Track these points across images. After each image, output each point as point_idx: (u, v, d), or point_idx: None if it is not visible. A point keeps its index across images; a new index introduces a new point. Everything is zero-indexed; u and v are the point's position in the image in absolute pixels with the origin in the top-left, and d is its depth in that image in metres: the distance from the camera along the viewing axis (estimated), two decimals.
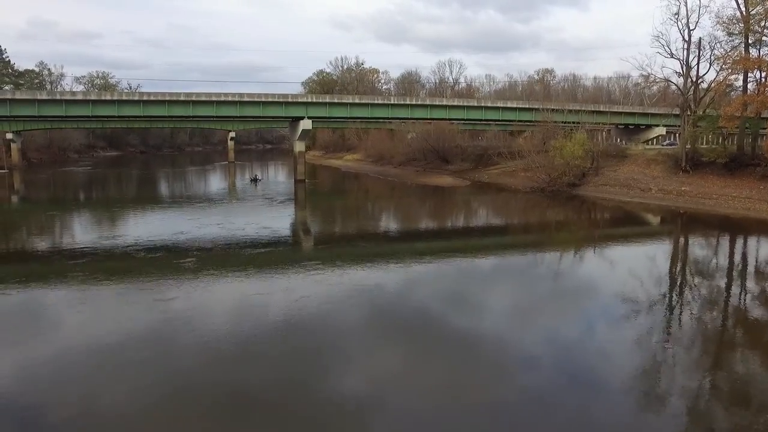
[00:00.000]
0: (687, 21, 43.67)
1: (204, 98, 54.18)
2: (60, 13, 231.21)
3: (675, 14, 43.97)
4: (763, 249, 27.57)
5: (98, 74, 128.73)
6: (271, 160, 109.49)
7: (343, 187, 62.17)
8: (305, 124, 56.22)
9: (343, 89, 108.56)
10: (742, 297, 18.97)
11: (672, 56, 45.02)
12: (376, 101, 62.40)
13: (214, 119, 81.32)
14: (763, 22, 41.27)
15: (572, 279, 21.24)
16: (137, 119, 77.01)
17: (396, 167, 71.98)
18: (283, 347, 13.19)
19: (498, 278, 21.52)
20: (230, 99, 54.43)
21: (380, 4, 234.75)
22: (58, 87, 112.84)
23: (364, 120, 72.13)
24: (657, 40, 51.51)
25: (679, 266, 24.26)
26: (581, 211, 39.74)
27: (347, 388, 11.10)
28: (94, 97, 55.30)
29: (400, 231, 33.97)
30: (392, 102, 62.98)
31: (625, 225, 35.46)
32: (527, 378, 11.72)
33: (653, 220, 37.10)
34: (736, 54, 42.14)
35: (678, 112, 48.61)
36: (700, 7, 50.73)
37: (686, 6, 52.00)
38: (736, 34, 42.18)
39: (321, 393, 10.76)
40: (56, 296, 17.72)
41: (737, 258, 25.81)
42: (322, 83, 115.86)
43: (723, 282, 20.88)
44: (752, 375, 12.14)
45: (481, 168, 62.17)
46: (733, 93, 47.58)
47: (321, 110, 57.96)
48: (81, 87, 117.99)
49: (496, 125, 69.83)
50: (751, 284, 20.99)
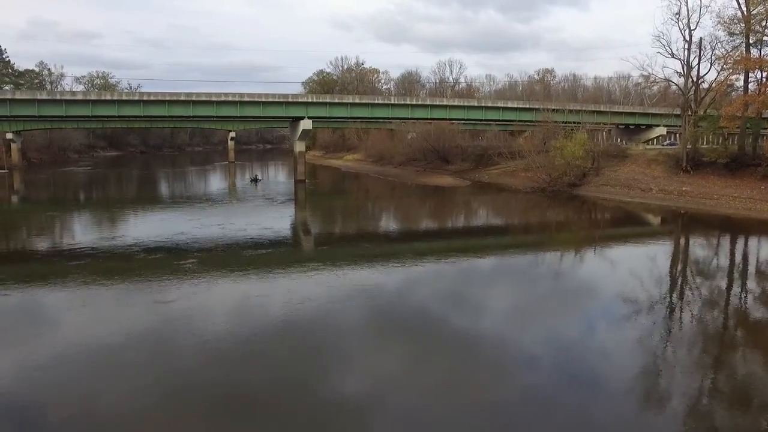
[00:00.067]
0: (688, 21, 43.82)
1: (204, 98, 54.14)
2: (60, 13, 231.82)
3: (676, 14, 44.17)
4: (764, 249, 27.57)
5: (98, 74, 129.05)
6: (272, 160, 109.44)
7: (344, 187, 62.16)
8: (305, 124, 56.19)
9: (344, 89, 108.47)
10: (743, 297, 18.96)
11: (673, 56, 45.17)
12: (377, 101, 62.32)
13: (215, 119, 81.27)
14: (764, 22, 41.28)
15: (572, 279, 21.23)
16: (137, 119, 77.00)
17: (396, 167, 71.96)
18: (283, 347, 13.20)
19: (498, 278, 21.52)
20: (230, 99, 54.39)
21: (380, 4, 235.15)
22: (58, 87, 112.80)
23: (365, 120, 72.05)
24: (658, 40, 51.85)
25: (680, 267, 24.25)
26: (582, 212, 39.72)
27: (347, 388, 11.10)
28: (94, 97, 55.23)
29: (401, 231, 33.97)
30: (392, 102, 62.91)
31: (626, 225, 35.44)
32: (527, 378, 11.72)
33: (654, 221, 37.07)
34: (737, 54, 42.19)
35: (679, 112, 48.67)
36: (701, 7, 50.20)
37: (687, 6, 52.32)
38: (737, 34, 42.17)
39: (321, 393, 10.76)
40: (56, 297, 17.71)
41: (738, 258, 25.80)
42: (323, 83, 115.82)
43: (724, 282, 20.84)
44: (753, 375, 12.12)
45: (482, 168, 62.16)
46: (734, 93, 47.60)
47: (321, 110, 57.90)
48: (81, 87, 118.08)
49: (497, 125, 69.69)
50: (752, 285, 20.99)
